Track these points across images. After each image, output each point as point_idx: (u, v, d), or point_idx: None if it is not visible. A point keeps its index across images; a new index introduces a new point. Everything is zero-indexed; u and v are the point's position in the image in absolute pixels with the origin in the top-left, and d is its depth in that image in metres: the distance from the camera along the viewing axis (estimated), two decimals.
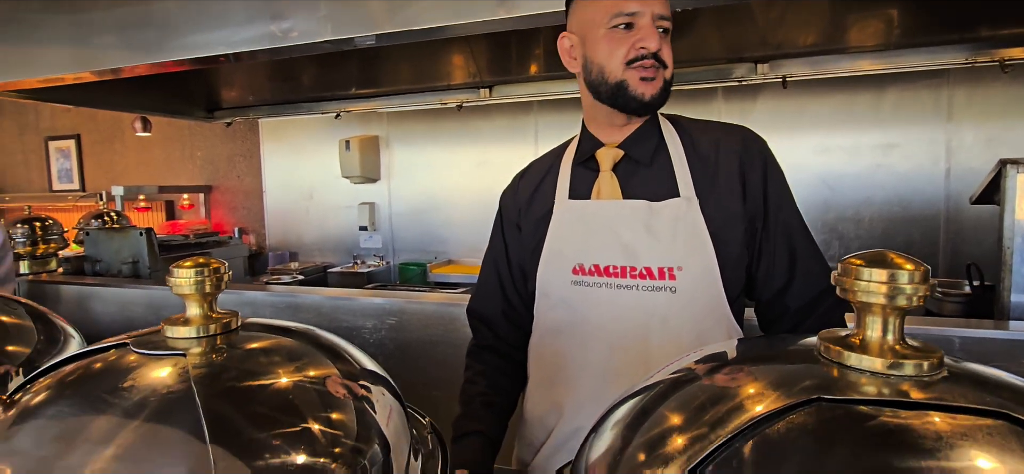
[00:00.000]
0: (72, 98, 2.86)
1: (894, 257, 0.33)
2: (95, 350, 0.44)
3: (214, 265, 0.44)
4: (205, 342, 0.44)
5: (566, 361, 0.97)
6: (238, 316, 0.47)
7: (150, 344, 0.43)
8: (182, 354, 0.41)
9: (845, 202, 3.01)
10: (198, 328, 0.44)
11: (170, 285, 0.43)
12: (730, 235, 0.92)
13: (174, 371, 0.40)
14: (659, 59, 0.91)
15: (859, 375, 0.32)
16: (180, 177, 4.35)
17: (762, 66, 2.76)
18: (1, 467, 0.36)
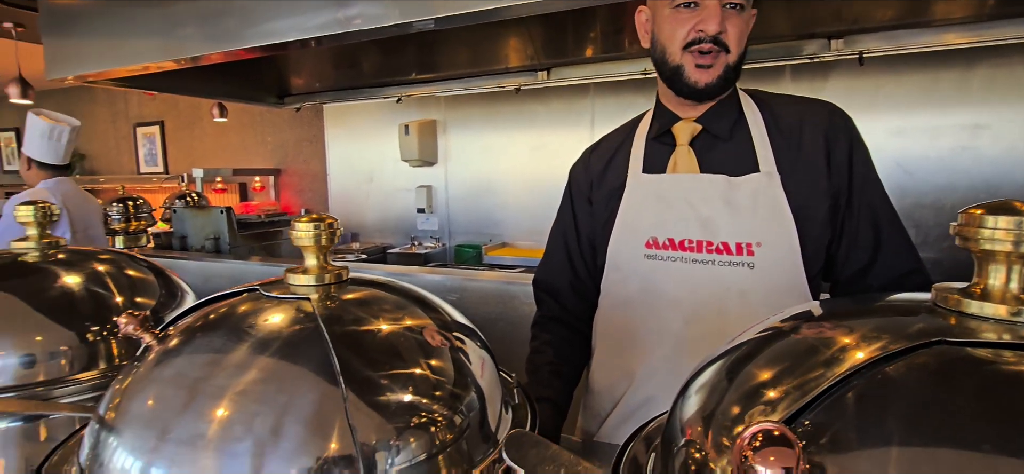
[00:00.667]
0: (161, 85, 3.08)
1: (1019, 205, 0.32)
2: (229, 294, 0.49)
3: (328, 220, 0.48)
4: (322, 290, 0.48)
5: (637, 332, 0.98)
6: (347, 269, 0.51)
7: (277, 290, 0.47)
8: (307, 298, 0.46)
9: (924, 188, 2.83)
10: (316, 277, 0.48)
11: (292, 237, 0.48)
12: (812, 212, 0.90)
13: (302, 312, 0.44)
14: (720, 42, 0.88)
15: (980, 323, 0.31)
16: (253, 161, 4.60)
17: (836, 42, 2.62)
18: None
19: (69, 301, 0.67)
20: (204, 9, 2.31)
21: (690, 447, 0.34)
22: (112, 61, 2.53)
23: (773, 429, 0.24)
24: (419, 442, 0.41)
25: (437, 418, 0.43)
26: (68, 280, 0.68)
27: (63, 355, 0.63)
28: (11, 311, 0.62)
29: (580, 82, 3.32)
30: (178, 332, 0.45)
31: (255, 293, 0.48)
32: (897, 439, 0.25)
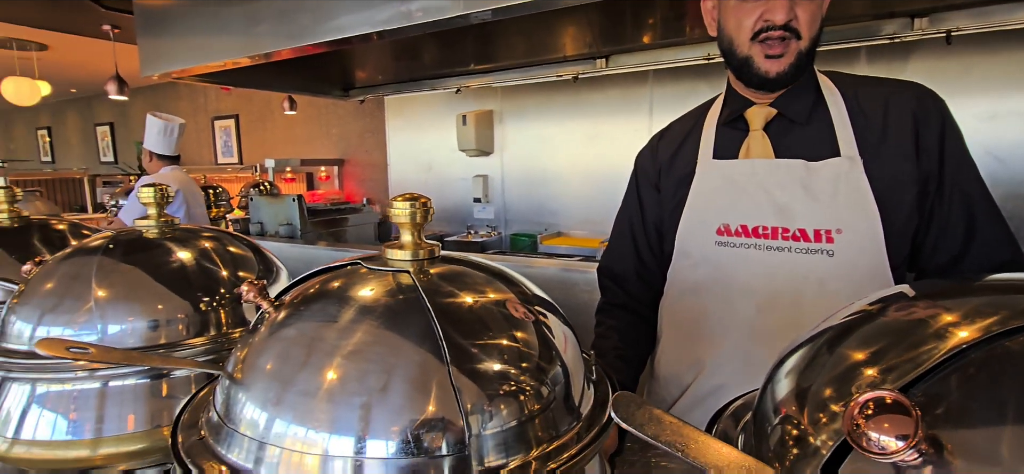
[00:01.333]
0: (237, 80, 3.28)
1: None
2: (333, 267, 0.53)
3: (422, 200, 0.51)
4: (416, 265, 0.51)
5: (708, 319, 0.96)
6: (439, 246, 0.54)
7: (379, 263, 0.51)
8: (406, 271, 0.49)
9: (1020, 177, 2.61)
10: (412, 252, 0.51)
11: (390, 215, 0.51)
12: (898, 197, 0.86)
13: (403, 282, 0.48)
14: (791, 29, 0.85)
15: None
16: (318, 152, 4.82)
17: (920, 20, 2.45)
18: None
19: (184, 273, 0.74)
20: (280, 7, 2.44)
21: (787, 423, 0.34)
22: (198, 58, 2.72)
23: (886, 396, 0.24)
24: (511, 409, 0.44)
25: (527, 387, 0.45)
26: (182, 255, 0.75)
27: (180, 321, 0.70)
28: (138, 282, 0.70)
29: (639, 69, 3.26)
30: (292, 300, 0.50)
31: (357, 266, 0.52)
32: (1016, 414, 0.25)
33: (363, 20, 2.22)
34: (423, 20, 2.08)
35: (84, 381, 0.64)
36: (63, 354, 0.44)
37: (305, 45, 2.45)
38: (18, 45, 4.55)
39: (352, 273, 0.51)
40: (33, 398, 0.64)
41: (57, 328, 0.66)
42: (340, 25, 2.27)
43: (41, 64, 4.91)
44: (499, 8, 1.93)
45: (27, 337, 0.67)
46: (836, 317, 0.42)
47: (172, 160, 3.01)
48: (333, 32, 2.28)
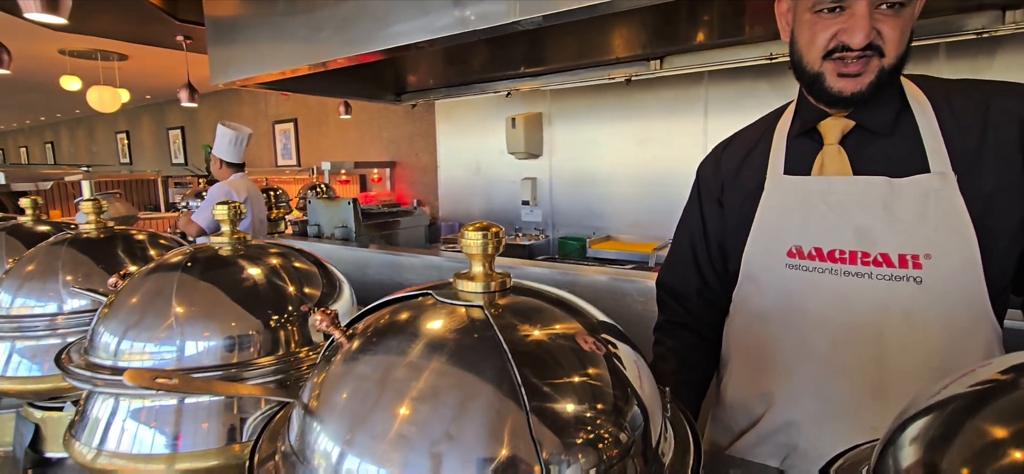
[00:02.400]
0: (296, 87, 3.40)
1: None
2: (405, 297, 0.53)
3: (494, 230, 0.50)
4: (488, 296, 0.50)
5: (778, 350, 0.90)
6: (510, 277, 0.53)
7: (450, 296, 0.50)
8: (479, 305, 0.48)
9: None
10: (483, 284, 0.50)
11: (462, 246, 0.50)
12: (1000, 218, 0.77)
13: (476, 317, 0.47)
14: (874, 47, 0.77)
15: None
16: (371, 154, 4.95)
17: (1013, 13, 2.25)
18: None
19: (256, 291, 0.75)
20: (341, 16, 2.51)
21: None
22: (262, 67, 2.84)
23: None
24: (590, 458, 0.42)
25: (606, 433, 0.43)
26: (253, 272, 0.77)
27: (252, 340, 0.71)
28: (215, 300, 0.72)
29: (695, 70, 3.16)
30: (364, 332, 0.50)
31: (429, 297, 0.51)
32: None
33: (420, 27, 2.24)
34: (478, 26, 2.08)
35: (164, 397, 0.66)
36: (149, 385, 0.45)
37: (362, 54, 2.51)
38: (102, 56, 4.91)
39: (425, 307, 0.50)
40: (116, 412, 0.67)
41: (140, 343, 0.69)
42: (396, 32, 2.31)
43: (122, 73, 5.28)
44: (552, 13, 1.91)
45: (113, 350, 0.70)
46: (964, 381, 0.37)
47: (239, 167, 3.18)
48: (390, 40, 2.32)
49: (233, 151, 3.13)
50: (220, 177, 3.19)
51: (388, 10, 2.35)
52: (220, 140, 3.12)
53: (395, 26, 2.33)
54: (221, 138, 3.12)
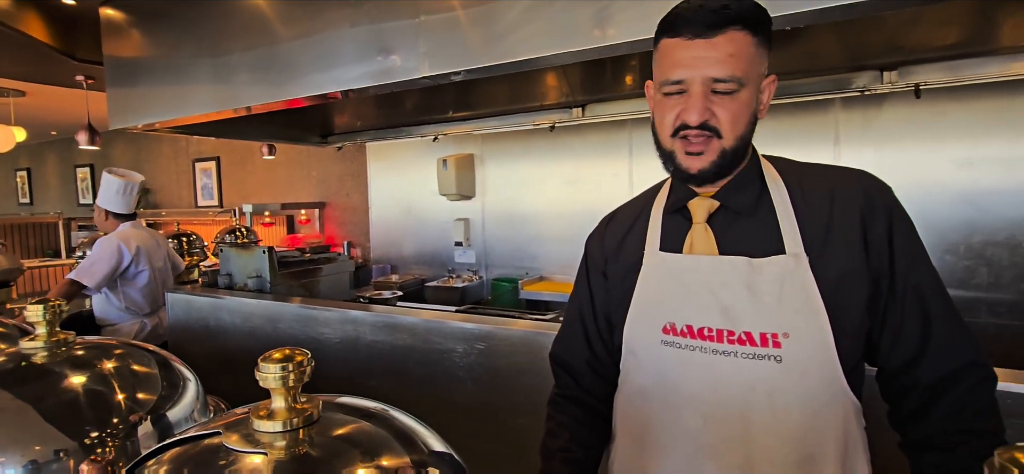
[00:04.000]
0: (212, 131, 3.26)
1: None
2: (193, 437, 0.48)
3: (298, 359, 0.46)
4: (288, 437, 0.46)
5: (655, 428, 0.90)
6: (319, 404, 0.49)
7: (239, 436, 0.46)
8: (265, 451, 0.44)
9: (997, 224, 2.60)
10: (283, 422, 0.46)
11: (258, 378, 0.46)
12: (848, 298, 0.81)
13: (260, 466, 0.42)
14: (709, 128, 0.82)
15: None
16: (299, 195, 4.78)
17: (889, 73, 2.47)
18: None
19: (74, 405, 0.68)
20: (254, 60, 2.42)
21: None
22: (168, 112, 2.70)
23: None
24: None
25: None
26: (74, 381, 0.69)
27: (61, 465, 0.64)
28: (14, 418, 0.64)
29: (615, 119, 3.27)
30: None
31: (217, 437, 0.46)
32: None
33: (335, 78, 2.20)
34: (400, 78, 2.07)
35: None
36: None
37: (278, 101, 2.44)
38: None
39: (209, 452, 0.45)
40: None
41: None
42: (312, 82, 2.26)
43: (19, 109, 4.89)
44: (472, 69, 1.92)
45: None
46: None
47: (129, 217, 2.93)
48: (304, 89, 2.27)
49: (121, 201, 2.87)
50: (105, 229, 2.91)
51: (302, 57, 2.30)
52: (106, 190, 2.85)
53: (310, 75, 2.28)
54: (107, 187, 2.85)
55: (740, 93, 0.81)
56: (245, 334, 2.51)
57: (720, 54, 0.80)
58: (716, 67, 0.80)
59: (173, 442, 0.48)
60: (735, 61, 0.80)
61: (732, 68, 0.80)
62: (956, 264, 2.67)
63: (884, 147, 2.76)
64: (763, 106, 0.86)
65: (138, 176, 2.95)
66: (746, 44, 0.80)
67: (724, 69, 0.80)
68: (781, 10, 1.39)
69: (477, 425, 1.96)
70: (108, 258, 2.74)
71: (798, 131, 2.95)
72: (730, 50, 0.80)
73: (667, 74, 0.84)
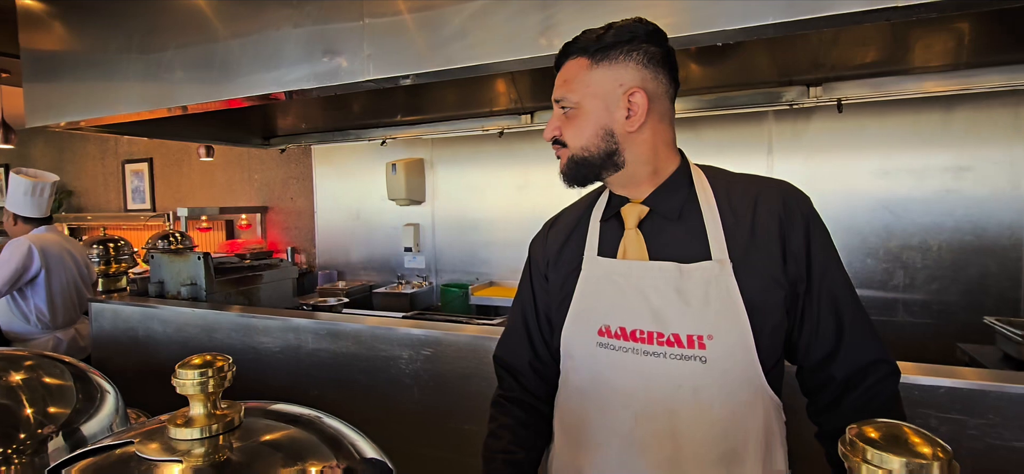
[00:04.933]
0: (144, 131, 3.09)
1: (912, 437, 0.29)
2: (105, 448, 0.46)
3: (218, 364, 0.45)
4: (207, 443, 0.45)
5: (590, 426, 0.93)
6: (241, 410, 0.48)
7: (155, 445, 0.44)
8: (180, 460, 0.42)
9: (911, 229, 2.82)
10: (201, 429, 0.45)
11: (175, 385, 0.45)
12: (767, 302, 0.86)
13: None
14: (559, 142, 0.95)
15: None
16: (239, 199, 4.59)
17: (815, 89, 2.64)
18: None
19: None
20: (189, 58, 2.32)
21: None
22: (95, 108, 2.54)
23: None
24: None
25: None
26: None
27: None
28: None
29: None
30: None
31: (129, 447, 0.44)
32: None
33: (275, 78, 2.13)
34: (344, 81, 2.02)
35: None
36: None
37: (215, 101, 2.34)
38: None
39: (120, 463, 0.43)
40: None
41: None
42: (251, 82, 2.18)
43: None
44: (420, 73, 1.90)
45: None
46: None
47: (43, 221, 2.73)
48: (242, 89, 2.19)
49: (31, 204, 2.68)
50: (14, 234, 2.69)
51: (240, 56, 2.22)
52: (13, 191, 2.65)
53: (249, 75, 2.20)
54: (15, 189, 2.65)
55: (578, 111, 0.93)
56: (178, 345, 2.39)
57: (559, 80, 0.96)
58: (557, 91, 0.95)
59: (83, 453, 0.46)
60: (567, 85, 0.93)
61: (565, 90, 0.94)
62: (876, 267, 2.88)
63: (813, 157, 2.94)
64: (633, 115, 0.90)
65: (51, 176, 2.74)
66: (576, 72, 0.93)
67: (559, 91, 0.95)
68: (707, 27, 1.49)
69: (424, 432, 1.95)
70: (12, 260, 2.56)
71: (735, 141, 3.10)
72: (565, 76, 0.94)
73: None
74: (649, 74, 0.91)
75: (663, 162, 0.94)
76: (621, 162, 0.92)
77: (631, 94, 0.90)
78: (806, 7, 1.41)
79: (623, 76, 0.90)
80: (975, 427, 1.24)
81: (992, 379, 1.28)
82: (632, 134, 0.91)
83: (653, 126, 0.92)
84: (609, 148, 0.92)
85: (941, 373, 1.31)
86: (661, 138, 0.93)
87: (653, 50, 0.91)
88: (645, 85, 0.90)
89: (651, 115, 0.91)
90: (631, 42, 0.91)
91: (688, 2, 1.55)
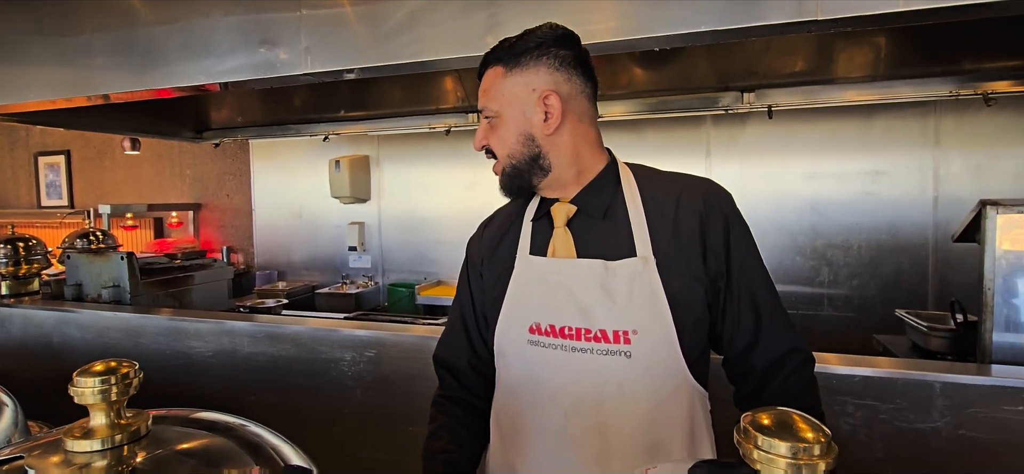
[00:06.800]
0: (59, 121, 2.86)
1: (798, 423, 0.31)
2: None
3: (123, 371, 0.42)
4: (109, 455, 0.41)
5: (522, 423, 0.94)
6: (148, 419, 0.45)
7: (51, 459, 0.41)
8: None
9: (834, 228, 3.01)
10: (102, 440, 0.42)
11: (72, 394, 0.41)
12: (689, 298, 0.89)
13: None
14: (489, 151, 0.97)
15: None
16: (169, 195, 4.33)
17: (748, 95, 2.77)
18: None
19: None
20: (111, 44, 2.16)
21: None
22: (10, 95, 2.32)
23: None
24: None
25: None
26: None
27: None
28: None
29: None
30: None
31: (18, 461, 0.41)
32: None
33: (207, 68, 2.02)
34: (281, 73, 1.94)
35: None
36: None
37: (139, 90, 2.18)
38: None
39: None
40: None
41: None
42: (180, 71, 2.05)
43: None
44: (367, 68, 1.85)
45: None
46: None
47: None
48: (171, 79, 2.05)
49: None
50: None
51: (167, 43, 2.09)
52: None
53: (178, 64, 2.07)
54: None
55: (499, 120, 0.94)
56: (99, 352, 2.22)
57: (481, 91, 0.97)
58: (479, 101, 0.97)
59: None
60: (487, 95, 0.95)
61: (486, 99, 0.96)
62: (804, 264, 3.06)
63: (747, 160, 3.08)
64: (550, 117, 0.92)
65: None
66: (496, 77, 0.94)
67: (481, 101, 0.97)
68: (647, 33, 1.54)
69: (368, 435, 1.90)
70: None
71: (676, 144, 3.21)
72: (485, 87, 0.96)
73: None
74: (562, 76, 0.93)
75: (588, 162, 0.96)
76: (547, 165, 0.94)
77: (545, 97, 0.92)
78: (738, 17, 1.48)
79: (535, 81, 0.92)
80: (886, 411, 1.34)
81: (899, 367, 1.39)
82: (551, 136, 0.93)
83: (572, 127, 0.94)
84: (532, 152, 0.93)
85: (857, 363, 1.40)
86: (583, 139, 0.95)
87: (564, 53, 0.93)
88: (558, 87, 0.92)
89: (568, 116, 0.93)
90: (540, 47, 0.92)
91: (629, 6, 1.59)
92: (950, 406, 1.35)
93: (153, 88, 2.16)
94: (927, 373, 1.38)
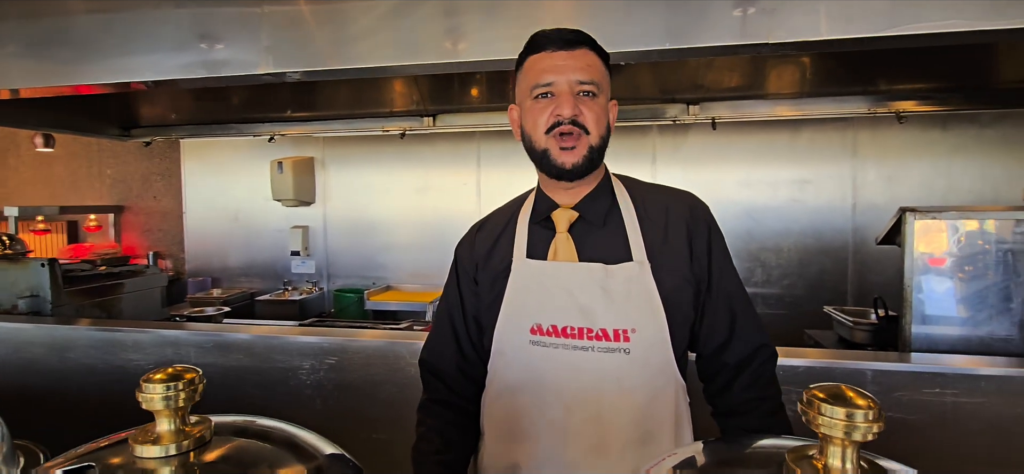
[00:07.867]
0: None
1: (851, 394, 0.37)
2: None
3: (188, 377, 0.41)
4: (176, 461, 0.40)
5: (523, 419, 0.97)
6: (210, 424, 0.44)
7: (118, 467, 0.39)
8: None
9: (766, 233, 3.24)
10: (169, 446, 0.40)
11: (140, 400, 0.39)
12: (679, 297, 0.96)
13: None
14: (578, 124, 0.94)
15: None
16: (86, 196, 3.97)
17: (693, 107, 2.94)
18: None
19: None
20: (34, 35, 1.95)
21: None
22: None
23: None
24: None
25: None
26: None
27: None
28: None
29: (466, 130, 3.36)
30: None
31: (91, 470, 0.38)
32: None
33: (146, 64, 1.88)
34: (235, 73, 1.83)
35: None
36: None
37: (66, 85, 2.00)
38: None
39: None
40: None
41: None
42: (114, 67, 1.90)
43: None
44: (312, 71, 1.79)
45: None
46: None
47: None
48: (103, 75, 1.89)
49: None
50: None
51: (100, 37, 1.93)
52: None
53: (112, 59, 1.92)
54: None
55: (599, 97, 0.96)
56: (17, 369, 2.01)
57: (580, 63, 0.95)
58: (579, 72, 0.94)
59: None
60: (592, 70, 0.95)
61: (591, 74, 0.95)
62: (740, 266, 3.25)
63: (690, 168, 3.27)
64: (611, 122, 1.00)
65: None
66: (596, 62, 0.96)
67: (586, 74, 0.94)
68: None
69: None
70: None
71: (623, 151, 3.34)
72: (587, 61, 0.95)
73: (537, 80, 0.95)
74: None
75: (600, 170, 1.02)
76: (601, 159, 0.99)
77: (614, 104, 1.00)
78: (687, 38, 1.59)
79: (609, 87, 0.99)
80: None
81: (833, 357, 1.58)
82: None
83: None
84: (607, 142, 0.98)
85: (801, 355, 1.55)
86: None
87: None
88: None
89: None
90: (607, 57, 0.99)
91: (585, 23, 1.66)
92: (879, 391, 1.51)
93: (74, 83, 1.98)
94: (860, 362, 1.55)
